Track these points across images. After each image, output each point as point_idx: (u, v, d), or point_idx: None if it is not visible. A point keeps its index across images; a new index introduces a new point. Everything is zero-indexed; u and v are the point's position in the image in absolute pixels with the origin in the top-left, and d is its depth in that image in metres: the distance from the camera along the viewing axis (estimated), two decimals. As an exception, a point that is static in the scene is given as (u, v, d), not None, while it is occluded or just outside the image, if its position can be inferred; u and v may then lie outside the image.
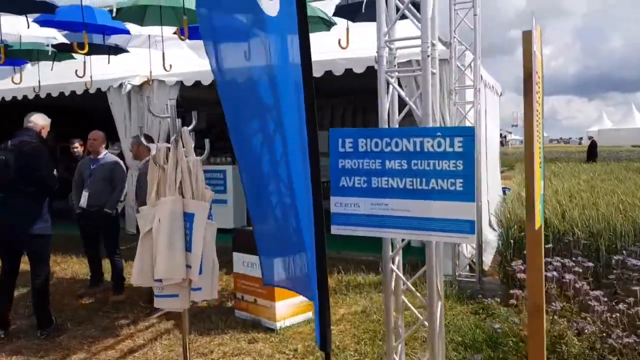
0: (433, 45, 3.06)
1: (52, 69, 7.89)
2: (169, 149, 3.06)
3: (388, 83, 3.23)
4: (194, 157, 3.04)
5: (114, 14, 5.11)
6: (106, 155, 5.76)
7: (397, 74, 3.26)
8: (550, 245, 4.45)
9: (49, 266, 4.61)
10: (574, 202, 6.12)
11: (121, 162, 5.87)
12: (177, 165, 2.96)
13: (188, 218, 2.95)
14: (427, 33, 2.98)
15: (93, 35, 6.08)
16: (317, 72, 7.24)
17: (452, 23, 5.87)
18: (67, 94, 9.08)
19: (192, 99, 8.52)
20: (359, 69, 6.85)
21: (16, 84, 8.38)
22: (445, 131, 3.03)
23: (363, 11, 5.30)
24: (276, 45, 2.67)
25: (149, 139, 5.33)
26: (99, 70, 7.97)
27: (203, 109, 10.50)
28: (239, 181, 3.13)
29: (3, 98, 9.61)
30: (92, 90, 8.62)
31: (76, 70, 6.62)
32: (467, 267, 6.17)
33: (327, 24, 6.19)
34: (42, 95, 9.05)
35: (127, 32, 6.20)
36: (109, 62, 7.51)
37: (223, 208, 8.46)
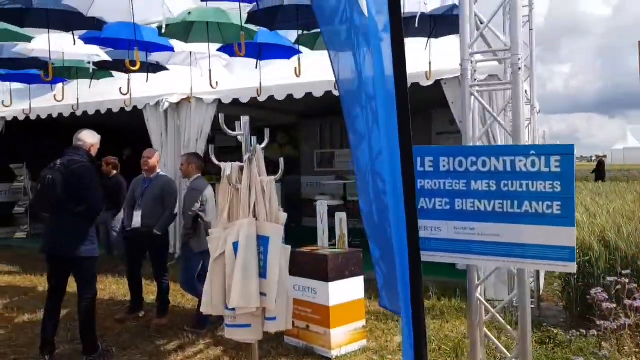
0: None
1: (89, 87, 7.88)
2: (241, 167, 2.88)
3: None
4: (266, 176, 2.86)
5: (163, 30, 5.01)
6: (160, 174, 5.61)
7: (477, 88, 3.06)
8: (628, 271, 4.15)
9: (96, 289, 4.45)
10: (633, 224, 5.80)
11: (174, 182, 5.72)
12: (250, 185, 2.78)
13: (262, 242, 2.76)
14: (517, 45, 2.79)
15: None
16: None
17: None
18: (103, 111, 9.07)
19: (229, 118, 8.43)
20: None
21: (58, 101, 8.32)
22: (539, 149, 2.81)
23: (416, 25, 5.13)
24: (372, 55, 2.50)
25: (199, 158, 5.20)
26: (137, 87, 7.94)
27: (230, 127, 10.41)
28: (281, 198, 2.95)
29: (38, 116, 9.64)
30: (128, 108, 8.61)
31: (120, 88, 6.55)
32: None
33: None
34: (79, 113, 9.05)
35: (171, 49, 6.13)
36: (147, 80, 7.47)
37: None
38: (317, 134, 11.81)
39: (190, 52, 6.73)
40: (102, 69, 7.32)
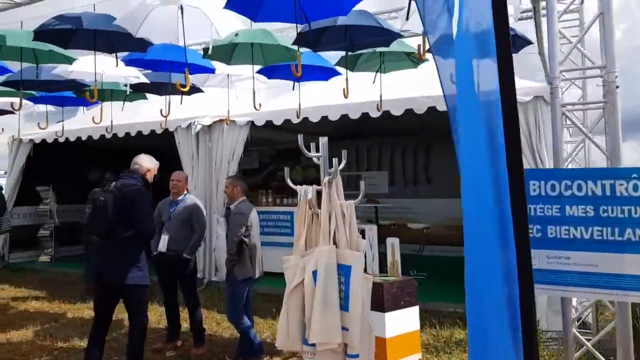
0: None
1: (122, 109, 7.83)
2: (318, 191, 2.71)
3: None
4: (345, 200, 2.68)
5: (209, 52, 4.93)
6: (186, 196, 5.48)
7: (568, 107, 2.89)
8: None
9: (147, 317, 4.26)
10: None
11: (202, 205, 5.57)
12: (330, 210, 2.60)
13: (343, 271, 2.57)
14: (614, 62, 2.62)
15: (178, 75, 5.94)
16: (398, 110, 7.06)
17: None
18: (133, 134, 9.02)
19: (257, 140, 8.34)
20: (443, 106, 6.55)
21: (96, 123, 8.17)
22: (644, 173, 2.61)
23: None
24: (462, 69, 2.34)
25: (244, 181, 5.04)
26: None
27: (253, 149, 10.32)
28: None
29: (67, 138, 9.60)
30: (160, 130, 8.54)
31: (161, 110, 6.47)
32: (576, 321, 5.57)
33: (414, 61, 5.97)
34: (109, 135, 9.00)
35: (212, 71, 6.06)
36: (181, 102, 7.42)
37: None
38: (341, 158, 11.64)
39: (228, 75, 6.68)
40: (138, 91, 7.28)
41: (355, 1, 4.20)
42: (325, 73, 6.22)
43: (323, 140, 2.94)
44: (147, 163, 4.32)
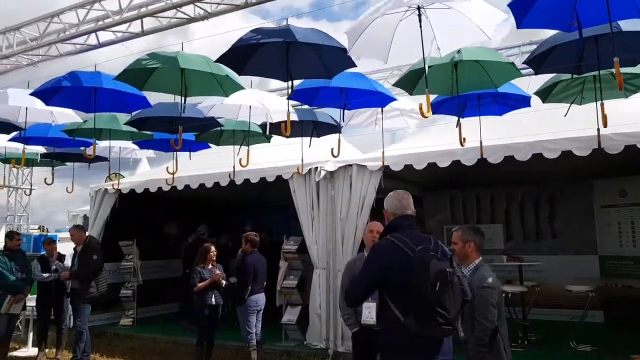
0: None
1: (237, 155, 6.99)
2: None
3: None
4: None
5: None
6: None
7: None
8: None
9: None
10: None
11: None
12: None
13: None
14: None
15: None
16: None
17: None
18: (209, 185, 8.20)
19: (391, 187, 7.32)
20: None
21: (170, 174, 7.26)
22: None
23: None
24: None
25: (480, 234, 3.90)
26: (258, 159, 7.10)
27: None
28: None
29: (159, 189, 8.79)
30: (254, 180, 7.68)
31: (240, 160, 5.67)
32: None
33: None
34: (209, 184, 8.20)
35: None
36: (309, 145, 6.58)
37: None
38: (447, 207, 10.55)
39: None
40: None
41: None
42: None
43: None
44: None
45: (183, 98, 4.51)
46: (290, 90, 3.94)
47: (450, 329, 2.78)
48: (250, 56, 3.84)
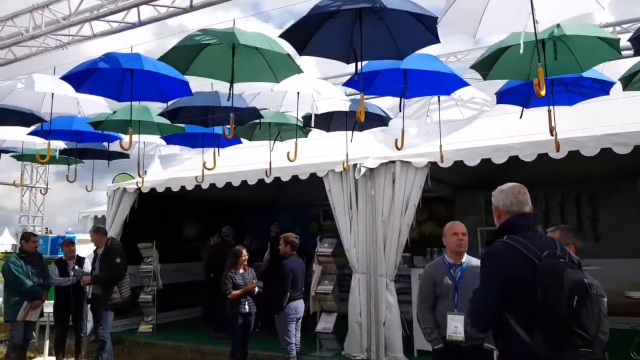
0: None
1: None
2: None
3: None
4: None
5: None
6: (469, 258, 3.87)
7: None
8: None
9: None
10: None
11: None
12: None
13: None
14: None
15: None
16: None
17: None
18: (236, 184, 7.72)
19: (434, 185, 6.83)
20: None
21: (209, 169, 6.91)
22: None
23: None
24: None
25: (577, 235, 3.43)
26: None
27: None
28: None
29: (183, 187, 8.31)
30: (285, 178, 7.22)
31: (288, 153, 5.19)
32: None
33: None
34: (236, 183, 7.72)
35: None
36: (351, 140, 6.09)
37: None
38: (481, 208, 10.02)
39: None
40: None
41: None
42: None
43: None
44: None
45: (230, 84, 4.02)
46: (359, 66, 3.41)
47: (588, 352, 2.29)
48: (316, 30, 3.36)
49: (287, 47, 3.61)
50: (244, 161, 7.83)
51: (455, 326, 3.42)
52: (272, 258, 8.16)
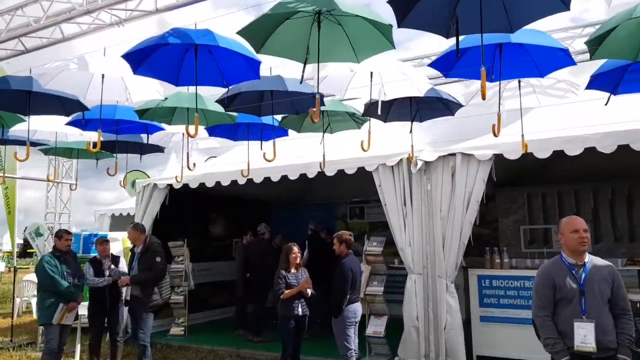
0: None
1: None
2: None
3: None
4: None
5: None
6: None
7: None
8: None
9: None
10: None
11: None
12: None
13: None
14: None
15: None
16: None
17: None
18: (275, 179, 7.30)
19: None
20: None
21: (269, 160, 6.38)
22: None
23: None
24: None
25: None
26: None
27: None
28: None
29: (218, 183, 7.90)
30: (330, 172, 6.75)
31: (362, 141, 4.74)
32: None
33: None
34: (258, 179, 7.33)
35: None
36: (410, 131, 5.66)
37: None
38: (523, 205, 9.59)
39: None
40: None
41: None
42: None
43: None
44: None
45: (305, 64, 3.58)
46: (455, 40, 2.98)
47: None
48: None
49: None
50: (280, 155, 7.43)
51: (584, 335, 2.99)
52: (311, 258, 7.75)
